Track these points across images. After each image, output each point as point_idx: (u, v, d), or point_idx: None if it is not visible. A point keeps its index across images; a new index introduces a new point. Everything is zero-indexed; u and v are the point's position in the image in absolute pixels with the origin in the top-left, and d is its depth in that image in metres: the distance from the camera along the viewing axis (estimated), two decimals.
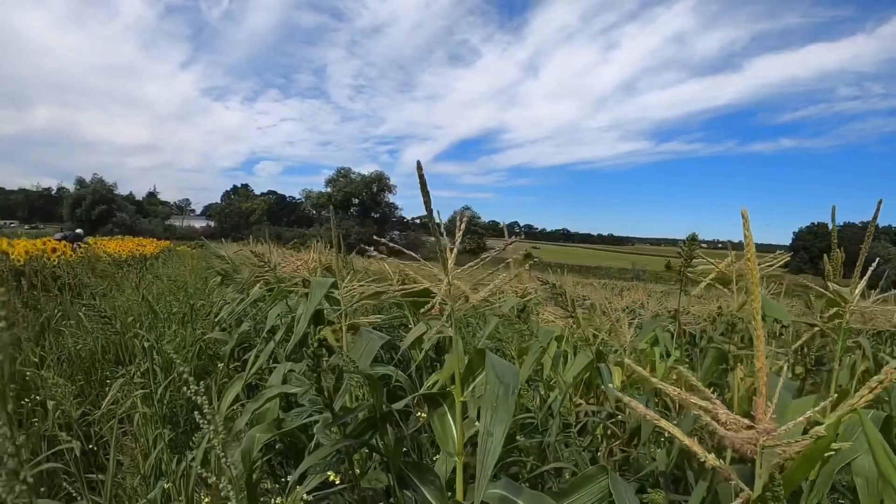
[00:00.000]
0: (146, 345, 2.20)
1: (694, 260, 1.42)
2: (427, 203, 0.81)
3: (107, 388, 2.31)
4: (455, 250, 0.91)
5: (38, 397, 2.19)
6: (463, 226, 0.93)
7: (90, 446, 2.22)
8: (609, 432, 1.84)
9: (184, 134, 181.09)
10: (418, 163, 0.75)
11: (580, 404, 2.00)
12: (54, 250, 6.68)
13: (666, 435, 1.45)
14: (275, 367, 2.04)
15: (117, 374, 2.45)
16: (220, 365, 2.61)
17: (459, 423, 1.06)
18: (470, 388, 1.06)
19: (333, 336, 0.96)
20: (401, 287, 1.07)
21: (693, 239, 1.32)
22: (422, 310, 1.02)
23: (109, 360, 3.29)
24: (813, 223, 78.47)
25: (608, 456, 1.85)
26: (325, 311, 1.88)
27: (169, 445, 1.87)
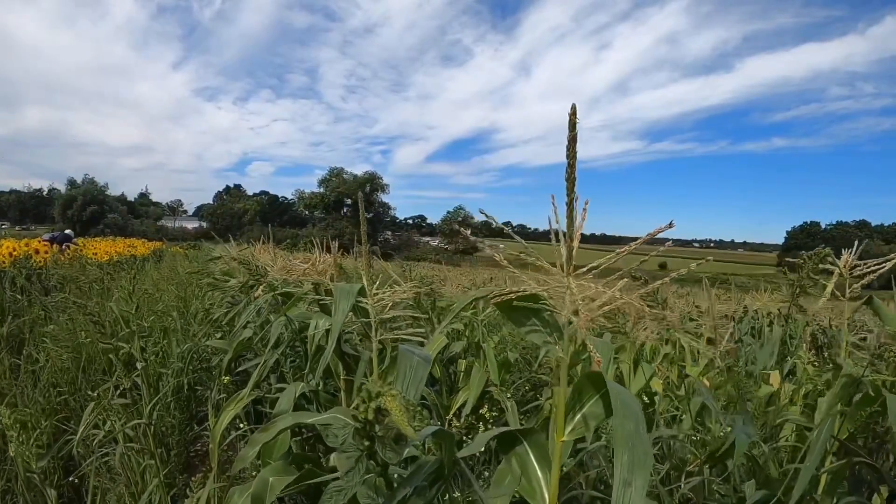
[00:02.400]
0: (140, 366, 1.90)
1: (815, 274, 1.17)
2: (571, 167, 0.53)
3: (93, 403, 2.02)
4: (574, 247, 0.65)
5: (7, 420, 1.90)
6: (585, 214, 0.66)
7: (71, 478, 1.93)
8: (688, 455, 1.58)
9: (176, 134, 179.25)
10: (573, 106, 0.48)
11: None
12: (37, 251, 6.37)
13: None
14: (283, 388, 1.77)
15: (99, 390, 2.15)
16: (226, 379, 2.31)
17: (556, 470, 0.80)
18: (572, 424, 0.80)
19: (401, 413, 0.68)
20: (499, 292, 0.82)
21: (824, 255, 1.07)
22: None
23: (96, 370, 3.00)
24: (806, 222, 79.13)
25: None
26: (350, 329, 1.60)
27: (161, 481, 1.58)
